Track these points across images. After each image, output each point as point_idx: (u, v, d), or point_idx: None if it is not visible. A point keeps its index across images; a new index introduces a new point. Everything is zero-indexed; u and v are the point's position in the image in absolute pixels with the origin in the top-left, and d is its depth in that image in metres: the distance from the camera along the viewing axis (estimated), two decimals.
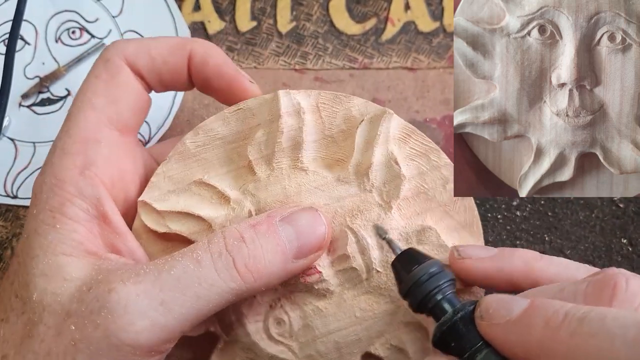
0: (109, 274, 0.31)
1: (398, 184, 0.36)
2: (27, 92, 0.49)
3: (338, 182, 0.36)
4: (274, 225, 0.33)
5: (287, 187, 0.36)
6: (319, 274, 0.35)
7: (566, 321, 0.25)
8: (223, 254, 0.31)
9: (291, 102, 0.36)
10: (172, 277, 0.30)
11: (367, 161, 0.36)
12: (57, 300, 0.31)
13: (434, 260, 0.31)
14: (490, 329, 0.28)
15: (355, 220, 0.35)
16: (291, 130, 0.36)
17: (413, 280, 0.30)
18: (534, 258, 0.32)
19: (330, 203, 0.35)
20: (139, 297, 0.30)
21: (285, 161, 0.36)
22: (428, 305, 0.30)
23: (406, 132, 0.37)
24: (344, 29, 0.50)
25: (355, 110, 0.37)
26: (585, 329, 0.24)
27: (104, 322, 0.29)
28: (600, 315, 0.24)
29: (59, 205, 0.33)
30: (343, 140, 0.37)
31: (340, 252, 0.35)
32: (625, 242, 0.46)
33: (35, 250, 0.32)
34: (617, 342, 0.23)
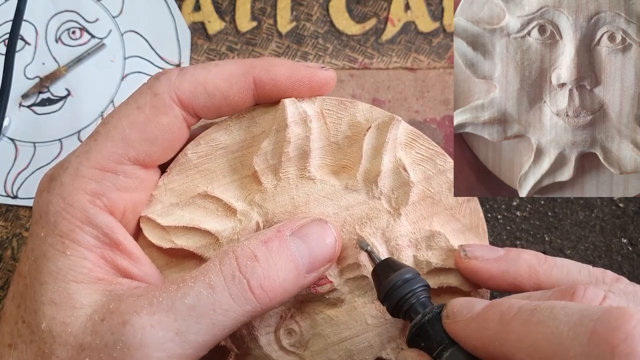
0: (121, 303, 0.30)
1: (407, 191, 0.35)
2: (27, 92, 0.49)
3: (346, 190, 0.36)
4: (286, 241, 0.32)
5: (295, 197, 0.35)
6: (330, 283, 0.35)
7: (519, 313, 0.26)
8: (237, 276, 0.30)
9: (297, 111, 0.36)
10: (186, 305, 0.30)
11: (375, 169, 0.35)
12: (67, 330, 0.30)
13: (409, 268, 0.32)
14: (453, 326, 0.29)
15: (364, 228, 0.35)
16: (298, 140, 0.35)
17: (389, 286, 0.32)
18: (539, 261, 0.33)
19: (339, 212, 0.35)
20: (154, 328, 0.29)
21: (293, 171, 0.36)
22: (403, 309, 0.32)
23: (412, 137, 0.37)
24: (344, 29, 0.50)
25: (361, 116, 0.37)
26: (535, 317, 0.26)
27: (120, 356, 0.29)
28: (549, 305, 0.26)
29: (68, 231, 0.32)
30: (348, 146, 0.37)
31: (350, 260, 0.35)
32: (625, 241, 0.46)
33: (44, 277, 0.31)
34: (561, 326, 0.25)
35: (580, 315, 0.25)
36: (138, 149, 0.33)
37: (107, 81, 0.50)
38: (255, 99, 0.35)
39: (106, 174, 0.33)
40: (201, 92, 0.34)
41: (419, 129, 0.37)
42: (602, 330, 0.24)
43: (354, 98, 0.48)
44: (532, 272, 0.33)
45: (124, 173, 0.33)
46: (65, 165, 0.33)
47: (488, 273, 0.33)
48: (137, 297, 0.30)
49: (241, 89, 0.34)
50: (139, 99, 0.33)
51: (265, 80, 0.35)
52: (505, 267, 0.33)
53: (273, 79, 0.35)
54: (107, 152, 0.33)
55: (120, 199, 0.33)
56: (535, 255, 0.33)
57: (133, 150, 0.33)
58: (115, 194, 0.33)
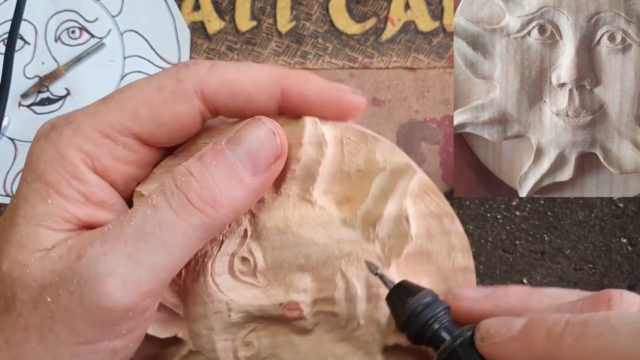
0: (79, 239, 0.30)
1: (403, 242, 0.35)
2: (26, 92, 0.49)
3: (343, 223, 0.35)
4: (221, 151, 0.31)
5: (289, 216, 0.35)
6: (300, 311, 0.34)
7: (569, 327, 0.25)
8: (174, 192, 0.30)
9: (316, 132, 0.35)
10: (133, 227, 0.29)
11: (377, 212, 0.34)
12: (25, 272, 0.30)
13: (428, 290, 0.31)
14: (492, 349, 0.28)
15: (350, 267, 0.34)
16: (308, 161, 0.35)
17: (409, 312, 0.30)
18: (528, 292, 0.33)
19: (330, 243, 0.34)
20: (107, 255, 0.29)
21: (295, 189, 0.35)
22: (426, 335, 0.30)
23: (425, 189, 0.35)
24: (343, 28, 0.50)
25: (379, 154, 0.35)
26: (590, 330, 0.24)
27: (77, 289, 0.28)
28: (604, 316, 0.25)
29: (54, 181, 0.31)
30: (358, 180, 0.36)
31: (326, 293, 0.34)
32: (625, 241, 0.46)
33: (19, 219, 0.31)
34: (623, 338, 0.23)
35: None
36: (144, 127, 0.33)
37: (106, 81, 0.50)
38: (280, 109, 0.35)
39: (106, 139, 0.32)
40: (226, 91, 0.33)
41: (419, 128, 0.37)
42: None
43: None
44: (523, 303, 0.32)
45: (123, 144, 0.33)
46: (70, 119, 0.32)
47: (480, 311, 0.32)
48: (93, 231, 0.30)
49: (267, 96, 0.34)
50: (162, 80, 0.33)
51: (294, 93, 0.34)
52: (497, 302, 0.33)
53: (301, 93, 0.34)
54: (113, 120, 0.32)
55: (114, 168, 0.33)
56: (523, 288, 0.33)
57: (139, 126, 0.33)
58: (110, 162, 0.33)
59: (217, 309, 0.34)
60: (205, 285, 0.34)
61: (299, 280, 0.35)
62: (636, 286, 0.46)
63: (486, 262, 0.46)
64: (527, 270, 0.46)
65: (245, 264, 0.35)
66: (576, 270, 0.46)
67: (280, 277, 0.35)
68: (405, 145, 0.47)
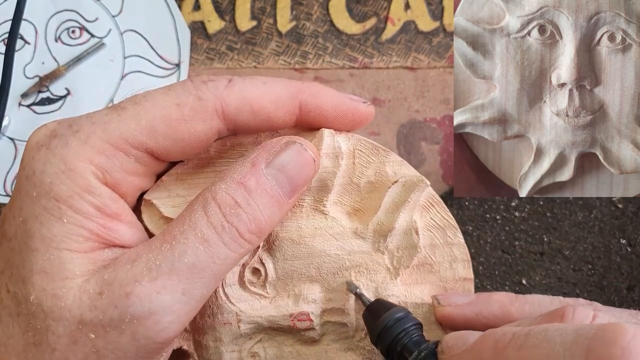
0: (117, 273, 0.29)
1: (412, 254, 0.35)
2: (26, 92, 0.49)
3: (354, 235, 0.35)
4: (263, 176, 0.31)
5: (302, 227, 0.35)
6: (310, 322, 0.35)
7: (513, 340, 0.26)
8: (226, 226, 0.30)
9: (333, 144, 0.35)
10: (186, 264, 0.29)
11: (389, 224, 0.35)
12: (59, 304, 0.29)
13: (400, 307, 0.32)
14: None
15: (360, 277, 0.35)
16: (324, 172, 0.35)
17: (381, 327, 0.31)
18: (510, 300, 0.34)
19: (341, 254, 0.35)
20: (160, 294, 0.29)
21: (308, 200, 0.35)
22: (396, 349, 0.31)
23: (431, 201, 0.36)
24: (344, 28, 0.50)
25: (390, 168, 0.36)
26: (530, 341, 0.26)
27: (129, 327, 0.28)
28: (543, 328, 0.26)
29: (65, 197, 0.30)
30: (368, 192, 0.36)
31: (335, 304, 0.35)
32: (624, 242, 0.46)
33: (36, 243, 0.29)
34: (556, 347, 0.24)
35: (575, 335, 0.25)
36: (159, 143, 0.32)
37: (106, 80, 0.50)
38: (297, 123, 0.35)
39: (118, 152, 0.31)
40: (247, 110, 0.33)
41: (419, 128, 0.37)
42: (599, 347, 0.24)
43: None
44: (504, 310, 0.34)
45: (135, 157, 0.32)
46: (75, 128, 0.31)
47: (462, 317, 0.34)
48: (132, 263, 0.30)
49: (287, 112, 0.34)
50: (181, 96, 0.32)
51: (311, 107, 0.34)
52: (478, 309, 0.34)
53: (319, 107, 0.34)
54: (127, 133, 0.31)
55: (125, 181, 0.32)
56: (506, 295, 0.34)
57: (154, 142, 0.32)
58: (121, 175, 0.32)
59: (227, 320, 0.35)
60: (215, 295, 0.34)
61: (308, 291, 0.35)
62: (635, 287, 0.46)
63: (485, 263, 0.46)
64: (526, 271, 0.46)
65: (255, 274, 0.35)
66: (575, 271, 0.46)
67: (289, 287, 0.35)
68: (405, 145, 0.47)
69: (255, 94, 0.33)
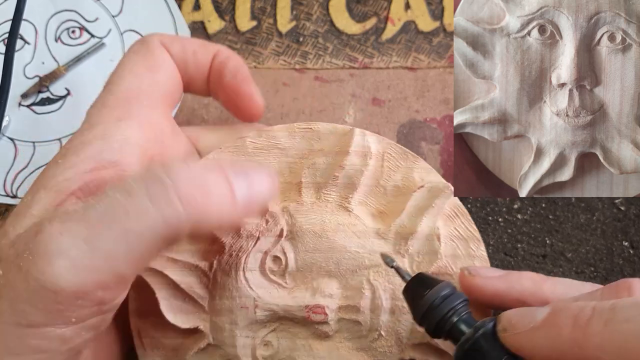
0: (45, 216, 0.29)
1: (432, 260, 0.35)
2: (26, 92, 0.49)
3: (376, 235, 0.36)
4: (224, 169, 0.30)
5: (326, 221, 0.35)
6: (325, 316, 0.35)
7: (596, 314, 0.25)
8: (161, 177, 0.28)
9: (363, 144, 0.36)
10: (98, 211, 0.27)
11: (412, 227, 0.35)
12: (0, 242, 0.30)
13: (445, 282, 0.31)
14: (515, 339, 0.27)
15: (378, 278, 0.35)
16: (352, 170, 0.36)
17: (426, 305, 0.30)
18: (541, 279, 0.33)
19: (361, 251, 0.35)
20: (62, 235, 0.27)
21: (334, 196, 0.36)
22: (445, 328, 0.30)
23: (456, 211, 0.36)
24: (344, 28, 0.50)
25: (417, 174, 0.37)
26: (619, 315, 0.24)
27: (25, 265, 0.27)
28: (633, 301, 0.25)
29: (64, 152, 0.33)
30: (394, 195, 0.37)
31: (351, 301, 0.35)
32: (627, 244, 0.46)
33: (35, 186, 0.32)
34: None
35: None
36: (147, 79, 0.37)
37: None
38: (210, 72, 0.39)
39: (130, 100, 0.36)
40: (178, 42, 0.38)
41: (419, 128, 0.37)
42: None
43: (353, 97, 0.48)
44: (536, 287, 0.32)
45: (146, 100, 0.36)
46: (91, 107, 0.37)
47: (492, 290, 0.33)
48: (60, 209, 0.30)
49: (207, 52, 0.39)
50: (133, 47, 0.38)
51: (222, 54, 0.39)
52: (510, 283, 0.33)
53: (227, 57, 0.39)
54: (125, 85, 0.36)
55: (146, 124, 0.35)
56: (536, 274, 0.33)
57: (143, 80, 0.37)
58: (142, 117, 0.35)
59: (244, 304, 0.35)
60: (236, 278, 0.35)
61: (326, 285, 0.35)
62: None
63: None
64: None
65: (276, 262, 0.36)
66: (578, 273, 0.46)
67: (308, 280, 0.35)
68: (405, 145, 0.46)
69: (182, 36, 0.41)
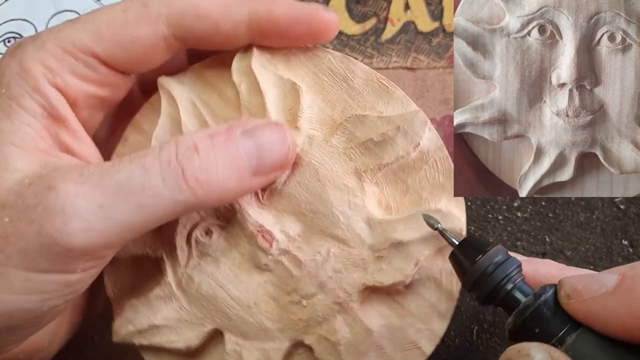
0: (54, 171, 0.29)
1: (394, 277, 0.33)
2: None
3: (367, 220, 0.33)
4: (234, 139, 0.31)
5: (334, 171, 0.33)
6: (269, 247, 0.33)
7: None
8: (172, 163, 0.29)
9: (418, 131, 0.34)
10: (115, 181, 0.29)
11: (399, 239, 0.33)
12: None
13: (498, 248, 0.29)
14: (582, 306, 0.25)
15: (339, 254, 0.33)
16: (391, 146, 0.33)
17: (479, 272, 0.29)
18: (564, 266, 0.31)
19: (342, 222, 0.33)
20: (78, 197, 0.28)
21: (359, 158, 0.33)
22: (498, 296, 0.29)
23: None
24: (343, 28, 0.50)
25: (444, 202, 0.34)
26: None
27: (38, 219, 0.28)
28: None
29: (17, 95, 0.31)
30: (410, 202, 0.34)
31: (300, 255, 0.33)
32: (627, 243, 0.46)
33: None
34: None
35: None
36: (104, 47, 0.33)
37: None
38: (250, 36, 0.33)
39: (67, 55, 0.32)
40: (191, 14, 0.33)
41: None
42: None
43: None
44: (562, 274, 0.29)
45: (84, 62, 0.33)
46: (36, 37, 0.33)
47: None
48: (71, 167, 0.30)
49: (234, 20, 0.33)
50: (128, 4, 0.33)
51: (262, 13, 0.32)
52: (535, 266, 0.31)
53: (270, 12, 0.32)
54: (75, 37, 0.32)
55: (75, 84, 0.33)
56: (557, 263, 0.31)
57: (100, 46, 0.32)
58: (71, 78, 0.32)
59: None
60: None
61: (291, 224, 0.34)
62: None
63: None
64: None
65: None
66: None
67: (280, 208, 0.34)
68: None
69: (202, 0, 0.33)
